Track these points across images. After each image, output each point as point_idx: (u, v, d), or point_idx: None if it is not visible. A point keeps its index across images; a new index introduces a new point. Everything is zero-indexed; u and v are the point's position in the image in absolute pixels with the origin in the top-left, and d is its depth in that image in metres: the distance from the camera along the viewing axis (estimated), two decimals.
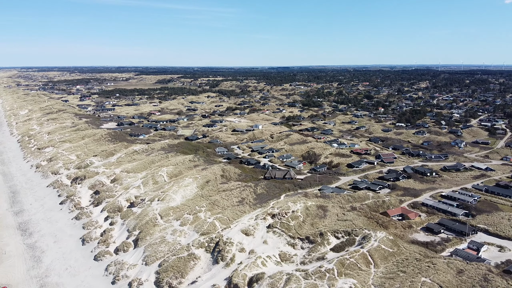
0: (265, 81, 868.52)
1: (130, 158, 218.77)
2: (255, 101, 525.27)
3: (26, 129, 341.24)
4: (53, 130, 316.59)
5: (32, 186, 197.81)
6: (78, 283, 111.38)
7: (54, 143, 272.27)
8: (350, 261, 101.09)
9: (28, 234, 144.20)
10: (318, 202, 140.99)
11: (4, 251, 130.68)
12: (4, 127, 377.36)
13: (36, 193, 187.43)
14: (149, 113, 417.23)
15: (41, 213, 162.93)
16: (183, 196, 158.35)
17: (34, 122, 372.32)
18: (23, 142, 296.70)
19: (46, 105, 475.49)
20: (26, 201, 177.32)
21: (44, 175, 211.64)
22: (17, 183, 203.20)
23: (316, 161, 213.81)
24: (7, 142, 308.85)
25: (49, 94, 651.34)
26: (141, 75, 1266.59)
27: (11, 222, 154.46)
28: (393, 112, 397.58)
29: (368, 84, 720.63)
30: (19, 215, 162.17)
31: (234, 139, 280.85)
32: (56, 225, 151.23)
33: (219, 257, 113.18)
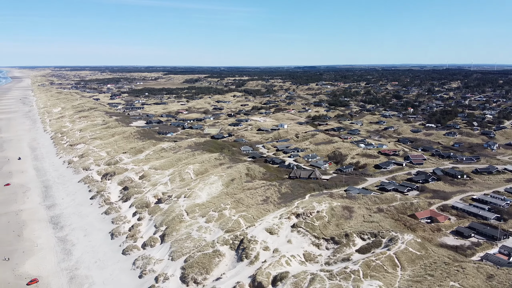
0: (291, 80, 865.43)
1: (158, 156, 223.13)
2: (280, 101, 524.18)
3: (59, 126, 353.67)
4: (84, 128, 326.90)
5: (64, 181, 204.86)
6: (106, 276, 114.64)
7: (85, 140, 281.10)
8: (376, 263, 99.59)
9: (59, 227, 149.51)
10: (344, 202, 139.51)
11: (36, 243, 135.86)
12: (38, 124, 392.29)
13: (67, 188, 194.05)
14: (176, 112, 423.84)
15: (72, 208, 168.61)
16: (208, 193, 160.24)
17: (66, 119, 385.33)
18: (56, 138, 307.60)
19: (78, 103, 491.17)
20: (58, 196, 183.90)
21: (75, 170, 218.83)
22: (50, 178, 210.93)
23: (342, 162, 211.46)
24: (41, 138, 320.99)
25: (81, 93, 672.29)
26: (169, 74, 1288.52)
27: (43, 216, 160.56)
28: (423, 113, 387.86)
29: (397, 83, 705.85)
30: (51, 209, 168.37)
31: (259, 138, 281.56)
32: (86, 219, 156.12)
33: (244, 255, 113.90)
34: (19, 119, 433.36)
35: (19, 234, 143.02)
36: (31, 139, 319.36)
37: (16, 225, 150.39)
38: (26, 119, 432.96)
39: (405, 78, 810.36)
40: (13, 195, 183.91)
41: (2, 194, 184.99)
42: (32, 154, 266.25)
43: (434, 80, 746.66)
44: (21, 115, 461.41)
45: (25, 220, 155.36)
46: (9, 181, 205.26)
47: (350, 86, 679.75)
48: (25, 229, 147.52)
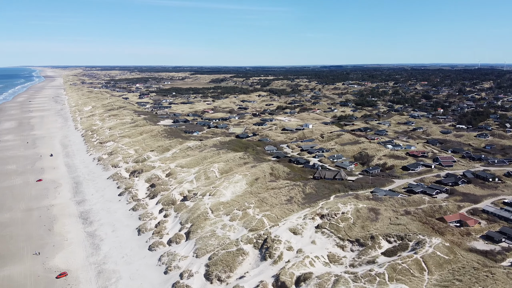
0: (317, 80, 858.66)
1: (184, 154, 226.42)
2: (305, 100, 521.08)
3: (89, 124, 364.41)
4: (114, 126, 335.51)
5: (94, 177, 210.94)
6: (133, 271, 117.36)
7: (114, 138, 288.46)
8: (402, 266, 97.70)
9: (88, 222, 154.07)
10: (370, 204, 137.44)
11: (66, 238, 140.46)
12: (70, 122, 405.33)
13: (97, 184, 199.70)
14: (202, 111, 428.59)
15: (101, 204, 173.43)
16: (233, 192, 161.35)
17: (96, 117, 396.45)
18: (87, 136, 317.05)
19: (108, 102, 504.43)
20: (87, 192, 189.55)
21: (104, 167, 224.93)
22: (80, 175, 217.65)
23: (368, 163, 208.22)
24: (72, 136, 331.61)
25: (110, 92, 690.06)
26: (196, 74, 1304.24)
27: (73, 211, 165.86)
28: (453, 113, 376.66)
29: (426, 83, 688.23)
30: (81, 204, 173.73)
31: (283, 138, 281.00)
32: (115, 215, 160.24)
33: (267, 254, 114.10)
34: (52, 117, 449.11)
35: (50, 228, 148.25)
36: (62, 136, 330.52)
37: (47, 220, 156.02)
38: (58, 117, 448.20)
39: (435, 78, 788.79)
40: (45, 191, 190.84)
41: (34, 190, 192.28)
42: (63, 151, 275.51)
43: (465, 80, 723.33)
44: (53, 113, 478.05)
45: (56, 215, 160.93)
46: (41, 177, 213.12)
47: (378, 86, 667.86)
48: (56, 223, 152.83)
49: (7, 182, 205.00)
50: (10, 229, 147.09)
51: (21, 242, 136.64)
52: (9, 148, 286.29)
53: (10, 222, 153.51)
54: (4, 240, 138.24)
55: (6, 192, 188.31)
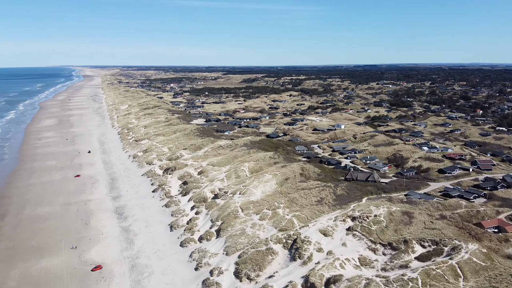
0: (350, 79, 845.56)
1: (216, 153, 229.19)
2: (338, 100, 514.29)
3: (125, 123, 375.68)
4: (148, 124, 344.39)
5: (129, 174, 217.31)
6: (165, 266, 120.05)
7: (149, 136, 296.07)
8: (436, 272, 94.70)
9: (123, 217, 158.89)
10: (404, 207, 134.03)
11: (102, 232, 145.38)
12: (107, 120, 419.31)
13: (132, 181, 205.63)
14: (234, 111, 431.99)
15: (135, 199, 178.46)
16: (262, 191, 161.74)
17: (132, 116, 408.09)
18: (123, 134, 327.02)
19: (144, 101, 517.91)
20: (123, 188, 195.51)
21: (139, 165, 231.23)
22: (116, 171, 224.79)
23: (403, 165, 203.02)
24: (109, 134, 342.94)
25: (146, 91, 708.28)
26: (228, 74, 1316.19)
27: (109, 206, 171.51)
28: (493, 115, 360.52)
29: (465, 83, 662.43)
30: (117, 200, 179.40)
31: (314, 138, 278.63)
32: (148, 211, 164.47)
33: (297, 255, 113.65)
34: (90, 115, 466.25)
35: (87, 222, 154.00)
36: (100, 134, 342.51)
37: (84, 214, 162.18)
38: (96, 115, 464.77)
39: (474, 78, 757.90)
40: (82, 186, 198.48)
41: (72, 185, 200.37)
42: (100, 148, 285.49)
43: (506, 80, 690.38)
44: (91, 111, 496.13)
45: (93, 210, 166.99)
46: (79, 172, 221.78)
47: (414, 86, 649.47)
48: (92, 218, 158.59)
49: (47, 177, 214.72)
50: (49, 223, 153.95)
51: (59, 235, 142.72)
52: (50, 144, 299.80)
53: (49, 216, 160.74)
54: (43, 233, 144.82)
55: (46, 187, 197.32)
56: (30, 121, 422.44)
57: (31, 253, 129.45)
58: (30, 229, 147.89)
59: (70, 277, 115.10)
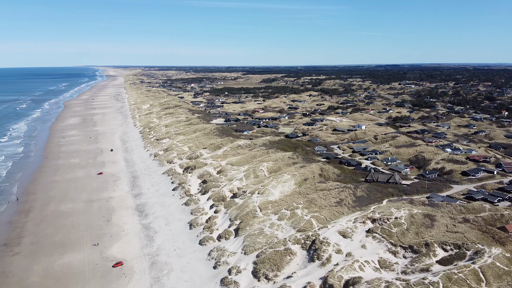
0: (371, 79, 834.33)
1: (235, 152, 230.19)
2: (359, 100, 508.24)
3: (147, 122, 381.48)
4: (169, 124, 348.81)
5: (150, 172, 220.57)
6: (184, 264, 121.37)
7: (170, 135, 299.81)
8: (458, 276, 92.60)
9: (144, 215, 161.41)
10: (425, 210, 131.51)
11: (123, 229, 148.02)
12: (129, 119, 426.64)
13: (153, 179, 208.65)
14: (253, 111, 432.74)
15: (156, 197, 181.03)
16: (281, 191, 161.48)
17: (154, 115, 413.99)
18: (144, 133, 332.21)
19: (165, 101, 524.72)
20: (144, 186, 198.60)
21: (160, 163, 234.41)
22: (137, 169, 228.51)
23: (425, 167, 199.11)
24: (131, 132, 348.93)
25: (167, 91, 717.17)
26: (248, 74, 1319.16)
27: (130, 204, 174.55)
28: None
29: (490, 84, 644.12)
30: (138, 197, 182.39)
31: (334, 138, 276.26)
32: (168, 209, 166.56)
33: (315, 256, 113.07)
34: (113, 114, 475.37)
35: (108, 219, 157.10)
36: (122, 132, 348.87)
37: (106, 211, 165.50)
38: (118, 114, 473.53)
39: (499, 79, 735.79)
40: (104, 183, 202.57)
41: (95, 182, 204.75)
42: (123, 147, 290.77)
43: None
44: (114, 111, 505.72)
45: (114, 207, 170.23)
46: (102, 170, 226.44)
47: (437, 86, 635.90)
48: (114, 215, 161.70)
49: (71, 174, 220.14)
50: (72, 219, 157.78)
51: (81, 231, 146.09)
52: (73, 142, 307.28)
53: (72, 212, 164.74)
54: (66, 229, 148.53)
55: (70, 184, 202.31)
56: (55, 120, 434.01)
57: (55, 248, 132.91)
58: (54, 225, 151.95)
59: (92, 272, 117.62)
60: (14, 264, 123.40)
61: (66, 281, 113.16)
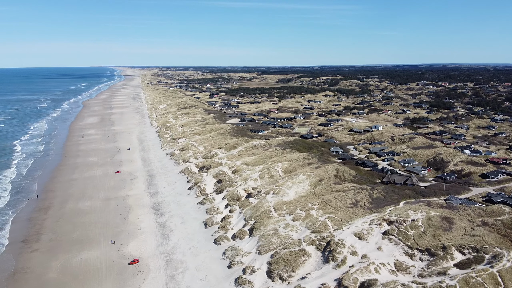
0: (388, 79, 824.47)
1: (250, 152, 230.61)
2: (375, 101, 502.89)
3: (163, 121, 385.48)
4: (185, 123, 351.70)
5: (166, 171, 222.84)
6: (198, 262, 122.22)
7: (186, 135, 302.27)
8: (476, 280, 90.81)
9: (160, 213, 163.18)
10: (443, 213, 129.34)
11: (139, 227, 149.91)
12: (146, 119, 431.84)
13: (169, 178, 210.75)
14: (268, 111, 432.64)
15: (172, 196, 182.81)
16: (296, 192, 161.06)
17: (170, 115, 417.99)
18: (161, 132, 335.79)
19: (181, 101, 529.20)
20: (160, 184, 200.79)
21: (176, 162, 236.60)
22: (154, 168, 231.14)
23: (443, 168, 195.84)
24: (148, 132, 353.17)
25: (184, 91, 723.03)
26: (264, 74, 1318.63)
27: (147, 202, 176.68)
28: None
29: (510, 85, 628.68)
30: (154, 196, 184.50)
31: (350, 139, 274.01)
32: (184, 208, 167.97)
33: (330, 257, 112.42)
34: (130, 113, 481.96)
35: (125, 217, 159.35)
36: (139, 132, 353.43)
37: (123, 209, 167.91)
38: (136, 114, 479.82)
39: None
40: (122, 182, 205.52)
41: (113, 181, 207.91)
42: (140, 146, 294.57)
43: None
44: (132, 110, 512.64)
45: (131, 205, 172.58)
46: (119, 169, 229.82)
47: (456, 87, 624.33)
48: (130, 213, 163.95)
49: (89, 172, 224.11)
50: (90, 216, 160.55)
51: (99, 228, 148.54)
52: (92, 141, 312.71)
53: (90, 210, 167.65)
54: (84, 226, 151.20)
55: (88, 182, 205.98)
56: (74, 119, 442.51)
57: (72, 245, 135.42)
58: (72, 222, 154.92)
59: (109, 269, 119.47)
60: (33, 260, 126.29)
61: (83, 278, 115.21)
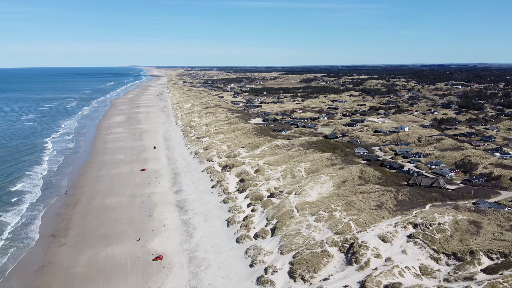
0: (416, 79, 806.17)
1: (272, 152, 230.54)
2: (402, 101, 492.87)
3: (188, 121, 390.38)
4: (209, 123, 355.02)
5: (190, 170, 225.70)
6: (221, 260, 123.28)
7: (210, 134, 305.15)
8: (503, 285, 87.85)
9: (184, 211, 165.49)
10: (471, 216, 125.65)
11: (164, 224, 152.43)
12: (171, 118, 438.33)
13: (193, 176, 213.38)
14: (291, 111, 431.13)
15: (195, 194, 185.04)
16: (319, 192, 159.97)
17: (195, 114, 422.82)
18: (185, 131, 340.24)
19: (205, 101, 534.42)
20: (184, 182, 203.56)
21: (200, 161, 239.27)
22: (178, 166, 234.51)
23: (471, 171, 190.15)
24: (173, 131, 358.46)
25: (208, 91, 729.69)
26: (287, 74, 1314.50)
27: (171, 200, 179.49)
28: None
29: None
30: (178, 194, 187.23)
31: (375, 140, 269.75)
32: (207, 206, 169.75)
33: (353, 259, 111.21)
34: (156, 112, 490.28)
35: (150, 214, 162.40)
36: (165, 131, 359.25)
37: (148, 206, 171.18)
38: (161, 113, 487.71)
39: None
40: (147, 179, 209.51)
41: (138, 178, 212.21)
42: (165, 144, 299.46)
43: None
44: (157, 109, 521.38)
45: (156, 202, 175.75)
46: (145, 166, 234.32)
47: (486, 87, 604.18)
48: (155, 210, 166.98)
49: (116, 170, 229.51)
50: (116, 213, 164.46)
51: (124, 225, 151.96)
52: (119, 139, 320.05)
53: (116, 206, 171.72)
54: (110, 222, 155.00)
55: (114, 179, 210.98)
56: (102, 117, 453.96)
57: (99, 240, 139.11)
58: (99, 218, 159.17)
59: (133, 265, 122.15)
60: (61, 254, 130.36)
61: (108, 273, 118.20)
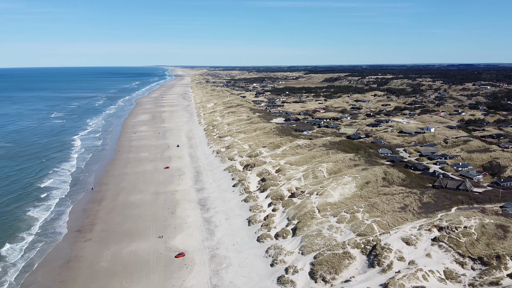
0: (442, 79, 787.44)
1: (294, 152, 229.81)
2: (428, 101, 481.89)
3: (211, 120, 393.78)
4: (231, 122, 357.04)
5: (212, 168, 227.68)
6: (242, 259, 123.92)
7: (231, 133, 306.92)
8: None
9: (205, 209, 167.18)
10: (498, 220, 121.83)
11: (186, 221, 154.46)
12: (194, 117, 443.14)
13: (215, 174, 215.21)
14: (313, 110, 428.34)
15: (217, 193, 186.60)
16: (341, 193, 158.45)
17: (217, 114, 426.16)
18: (208, 130, 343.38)
19: (228, 100, 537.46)
20: (206, 181, 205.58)
21: (222, 160, 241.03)
22: (201, 165, 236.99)
23: (499, 174, 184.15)
24: (196, 130, 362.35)
25: (230, 90, 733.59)
26: (310, 73, 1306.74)
27: (193, 197, 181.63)
28: None
29: None
30: (200, 192, 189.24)
31: (400, 141, 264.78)
32: (228, 204, 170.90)
33: (376, 261, 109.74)
34: (180, 112, 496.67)
35: (173, 211, 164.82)
36: (188, 130, 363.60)
37: (171, 203, 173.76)
38: (185, 112, 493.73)
39: None
40: (170, 177, 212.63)
41: (162, 176, 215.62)
42: (188, 143, 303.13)
43: None
44: (181, 109, 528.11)
45: (178, 200, 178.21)
46: (168, 164, 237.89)
47: None
48: (178, 207, 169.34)
49: (141, 167, 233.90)
50: (140, 209, 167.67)
51: (148, 221, 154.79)
52: (143, 138, 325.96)
53: (140, 203, 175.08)
54: (134, 218, 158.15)
55: (139, 177, 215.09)
56: (127, 116, 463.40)
57: (123, 236, 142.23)
58: (123, 214, 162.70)
59: (156, 261, 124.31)
60: (86, 249, 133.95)
61: (132, 268, 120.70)
